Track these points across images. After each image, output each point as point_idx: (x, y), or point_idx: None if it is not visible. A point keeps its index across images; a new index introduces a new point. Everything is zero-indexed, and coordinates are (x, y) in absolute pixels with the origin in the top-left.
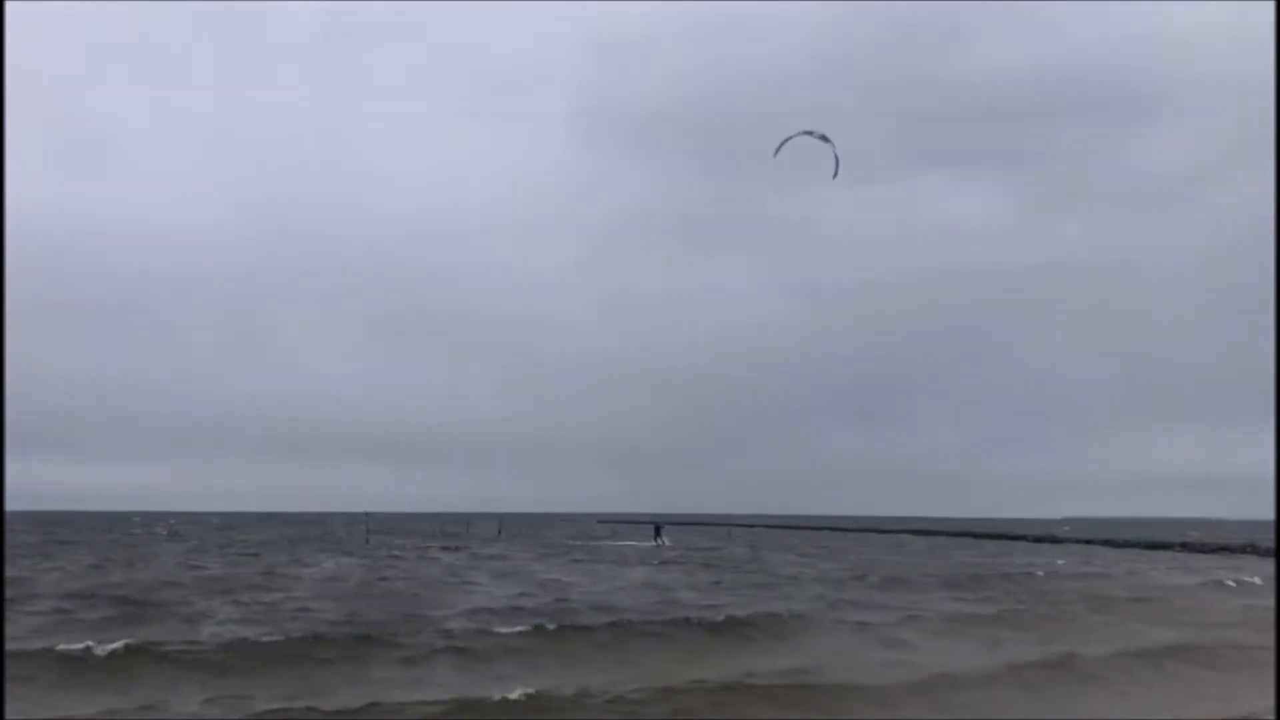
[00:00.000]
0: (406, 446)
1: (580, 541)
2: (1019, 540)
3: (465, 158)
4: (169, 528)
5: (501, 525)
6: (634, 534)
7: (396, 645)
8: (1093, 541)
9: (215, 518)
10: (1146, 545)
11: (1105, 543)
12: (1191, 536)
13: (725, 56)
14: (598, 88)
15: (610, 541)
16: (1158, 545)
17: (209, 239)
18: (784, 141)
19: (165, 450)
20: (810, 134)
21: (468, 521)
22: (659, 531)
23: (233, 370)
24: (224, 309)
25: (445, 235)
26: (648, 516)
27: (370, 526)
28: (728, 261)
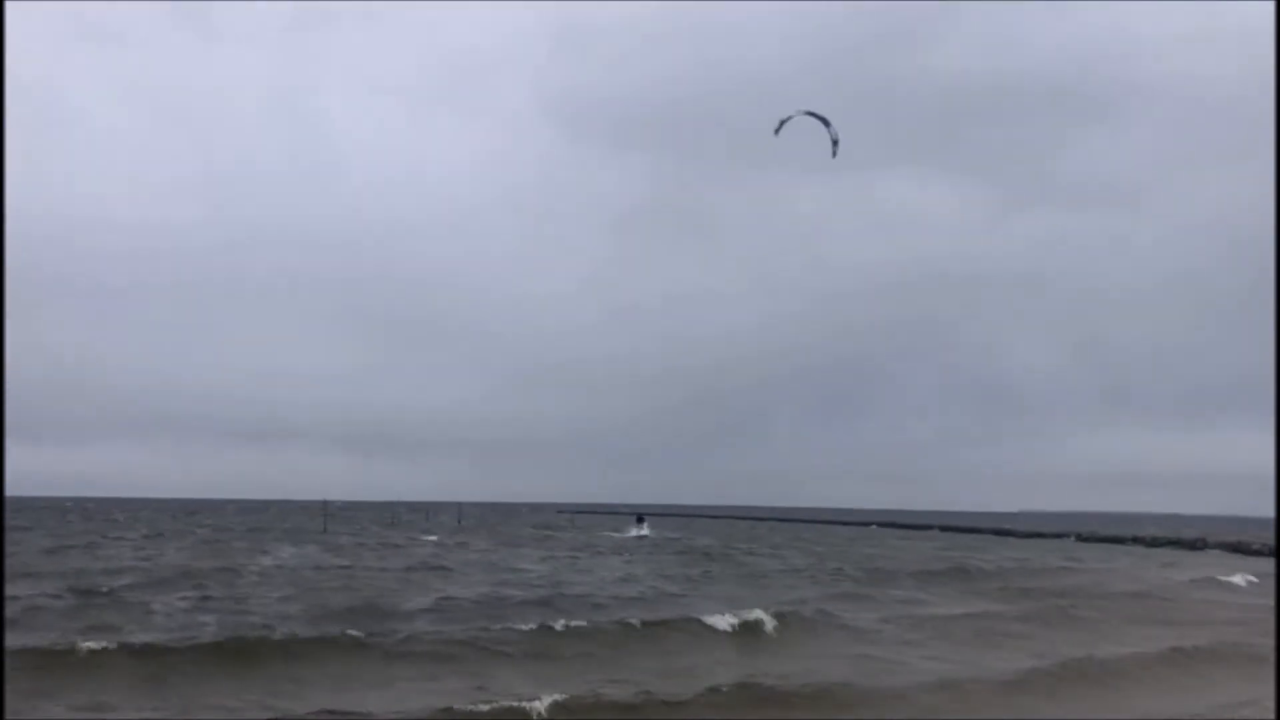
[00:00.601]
0: (365, 433)
1: (551, 531)
2: (986, 534)
3: (427, 143)
4: (124, 514)
5: (461, 514)
6: (604, 524)
7: (372, 644)
8: (1064, 535)
9: (171, 504)
10: (1111, 539)
11: (1080, 538)
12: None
13: (690, 50)
14: (564, 78)
15: (604, 531)
16: (1118, 540)
17: (165, 218)
18: (783, 121)
19: (119, 434)
20: (809, 114)
21: (427, 511)
22: (640, 520)
23: (188, 353)
24: (182, 290)
25: (406, 221)
26: (608, 508)
27: (328, 513)
28: (692, 255)
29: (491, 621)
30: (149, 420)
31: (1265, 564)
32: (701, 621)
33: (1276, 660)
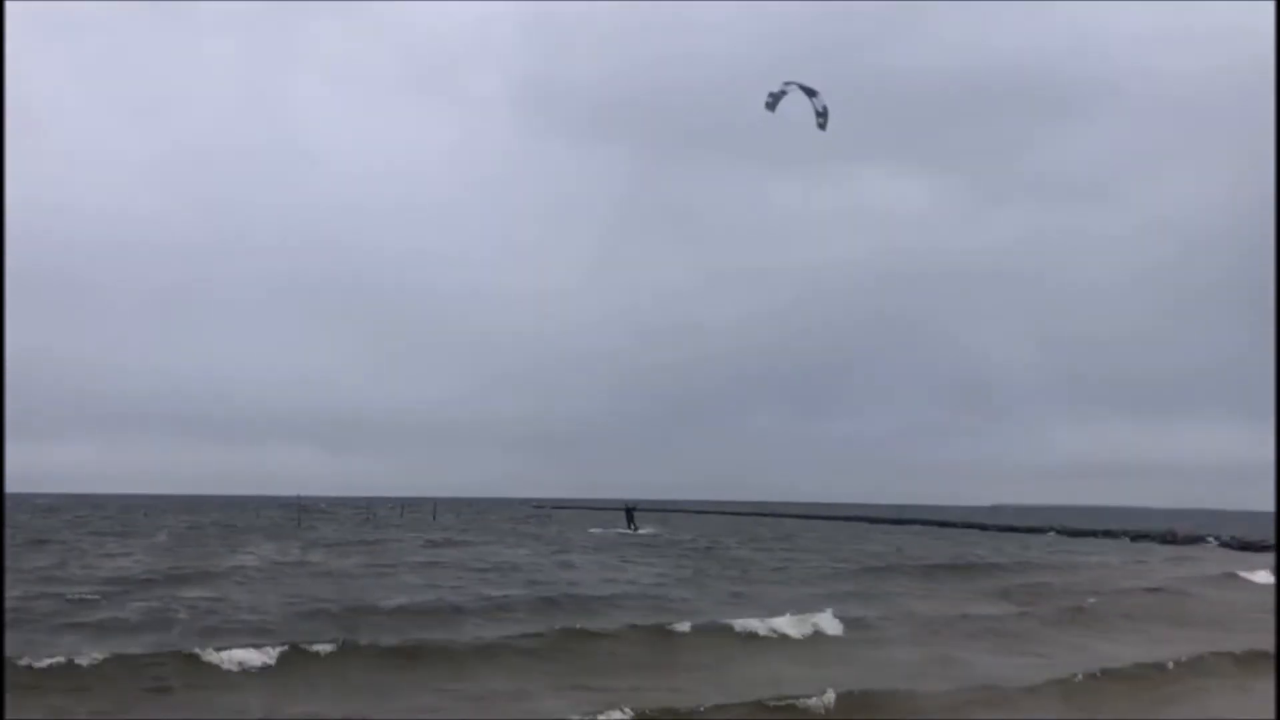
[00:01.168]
0: (337, 429)
1: (536, 527)
2: (963, 528)
3: (398, 135)
4: (89, 511)
5: (435, 510)
6: (588, 520)
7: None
8: (1043, 530)
9: (140, 500)
10: (1104, 534)
11: (1066, 532)
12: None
13: (662, 45)
14: (536, 70)
15: (592, 528)
16: (1110, 534)
17: (130, 209)
18: (776, 96)
19: (87, 429)
20: (799, 86)
21: (401, 506)
22: (631, 517)
23: (157, 347)
24: (149, 282)
25: (377, 214)
26: (585, 502)
27: (302, 510)
28: (663, 248)
29: (497, 621)
30: (113, 416)
31: (1264, 559)
32: (760, 626)
33: (1277, 659)
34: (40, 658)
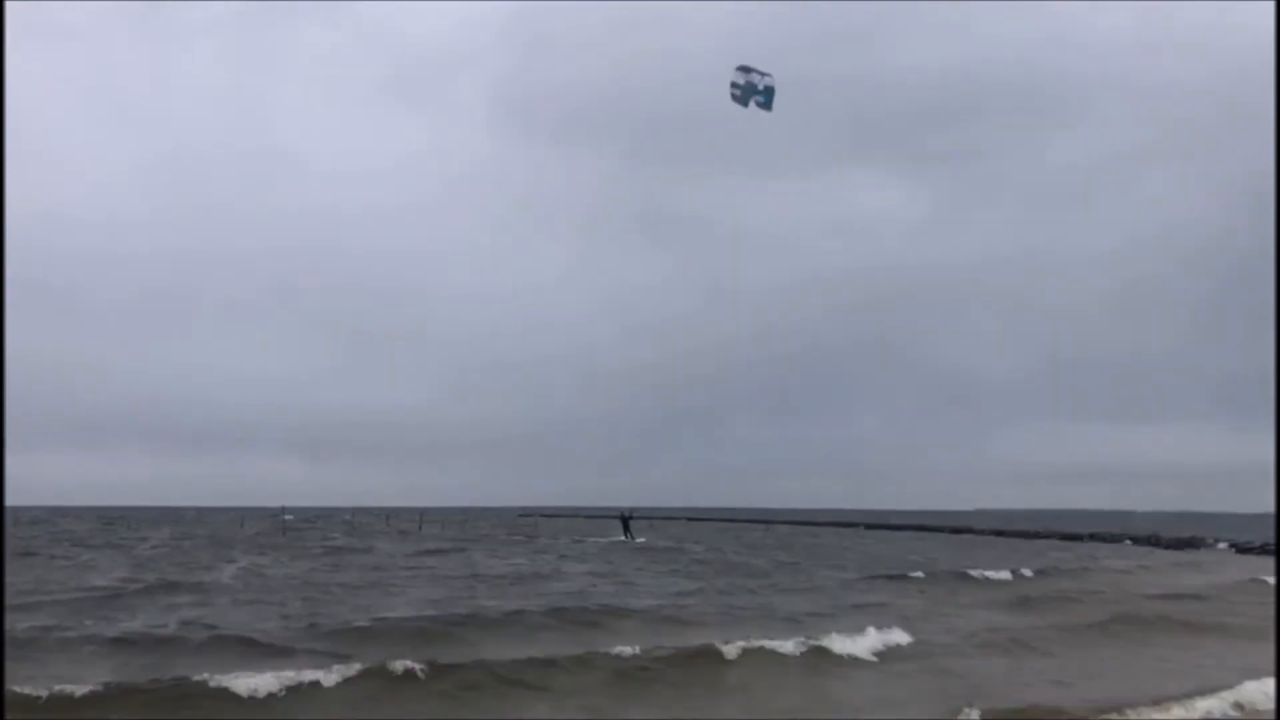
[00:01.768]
0: (320, 438)
1: (527, 536)
2: (947, 533)
3: (379, 138)
4: (68, 523)
5: (422, 519)
6: (578, 529)
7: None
8: (1041, 536)
9: (120, 512)
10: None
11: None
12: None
13: (639, 47)
14: (516, 76)
15: (592, 537)
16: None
17: (111, 216)
18: (742, 89)
19: (65, 439)
20: (755, 71)
21: (387, 515)
22: (627, 526)
23: (138, 356)
24: (129, 290)
25: (356, 219)
26: (571, 510)
27: (287, 520)
28: (643, 256)
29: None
30: (92, 427)
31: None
32: (834, 645)
33: (1277, 659)
34: (39, 689)
